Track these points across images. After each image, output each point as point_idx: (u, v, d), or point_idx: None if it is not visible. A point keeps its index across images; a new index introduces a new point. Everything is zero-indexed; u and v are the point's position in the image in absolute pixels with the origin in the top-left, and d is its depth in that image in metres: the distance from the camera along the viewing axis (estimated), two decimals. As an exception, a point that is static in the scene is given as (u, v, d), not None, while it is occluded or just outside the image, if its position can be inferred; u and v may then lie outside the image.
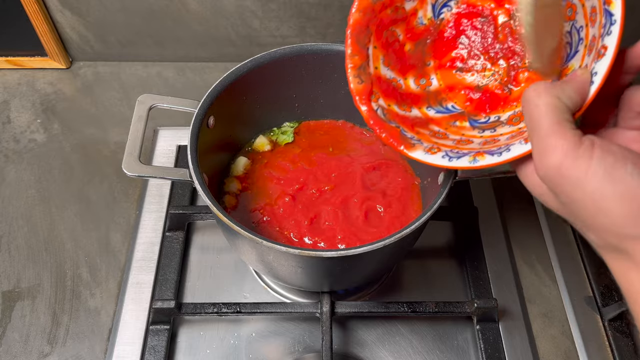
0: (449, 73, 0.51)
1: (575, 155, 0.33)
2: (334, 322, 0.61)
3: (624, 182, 0.31)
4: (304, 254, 0.47)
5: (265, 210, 0.61)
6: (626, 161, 0.32)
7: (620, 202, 0.31)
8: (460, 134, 0.48)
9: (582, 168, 0.32)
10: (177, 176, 0.54)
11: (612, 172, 0.32)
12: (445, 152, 0.45)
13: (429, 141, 0.47)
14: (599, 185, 0.32)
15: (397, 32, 0.50)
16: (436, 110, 0.50)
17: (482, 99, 0.49)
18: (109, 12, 0.79)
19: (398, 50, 0.50)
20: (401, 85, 0.50)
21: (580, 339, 0.62)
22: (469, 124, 0.48)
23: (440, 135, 0.48)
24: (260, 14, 0.79)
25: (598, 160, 0.32)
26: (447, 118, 0.49)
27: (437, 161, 0.44)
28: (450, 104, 0.50)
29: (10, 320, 0.62)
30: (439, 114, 0.50)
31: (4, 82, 0.84)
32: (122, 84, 0.84)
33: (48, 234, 0.69)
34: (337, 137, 0.68)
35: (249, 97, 0.62)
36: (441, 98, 0.50)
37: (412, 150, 0.46)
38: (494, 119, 0.47)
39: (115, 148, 0.77)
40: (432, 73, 0.51)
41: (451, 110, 0.50)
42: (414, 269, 0.67)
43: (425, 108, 0.50)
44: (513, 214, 0.72)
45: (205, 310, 0.59)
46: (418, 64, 0.51)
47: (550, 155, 0.34)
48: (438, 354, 0.61)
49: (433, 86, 0.51)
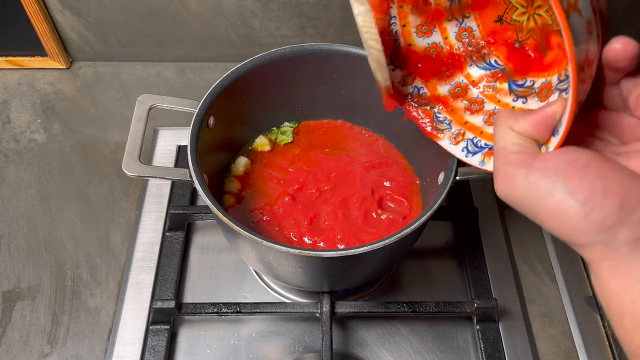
0: (490, 20, 0.50)
1: (521, 176, 0.35)
2: (334, 322, 0.61)
3: (560, 194, 0.33)
4: (304, 254, 0.47)
5: (265, 210, 0.61)
6: (557, 177, 0.33)
7: (562, 214, 0.33)
8: (496, 100, 0.49)
9: (527, 189, 0.35)
10: (177, 176, 0.54)
11: (550, 187, 0.33)
12: (466, 144, 0.47)
13: (459, 122, 0.49)
14: (543, 202, 0.34)
15: None
16: (479, 66, 0.51)
17: (521, 56, 0.49)
18: (109, 12, 0.79)
19: (434, 10, 0.50)
20: (442, 49, 0.51)
21: (580, 339, 0.62)
22: (508, 86, 0.49)
23: (477, 106, 0.49)
24: (260, 14, 0.79)
25: (540, 177, 0.34)
26: (489, 76, 0.50)
27: (457, 153, 0.48)
28: (494, 59, 0.50)
29: (10, 320, 0.62)
30: (481, 72, 0.50)
31: (4, 82, 0.84)
32: (122, 84, 0.84)
33: (48, 234, 0.69)
34: (337, 137, 0.68)
35: (249, 97, 0.62)
36: (484, 52, 0.50)
37: (440, 138, 0.49)
38: (529, 83, 0.48)
39: (115, 148, 0.77)
40: (472, 23, 0.51)
41: (494, 67, 0.50)
42: (414, 269, 0.67)
43: (468, 67, 0.51)
44: (513, 214, 0.71)
45: (205, 310, 0.59)
46: (458, 17, 0.51)
47: (499, 180, 0.37)
48: (438, 354, 0.61)
49: (475, 38, 0.51)
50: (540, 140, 0.37)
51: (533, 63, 0.48)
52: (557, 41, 0.44)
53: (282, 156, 0.66)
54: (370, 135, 0.68)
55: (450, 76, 0.51)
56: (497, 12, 0.49)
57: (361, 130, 0.69)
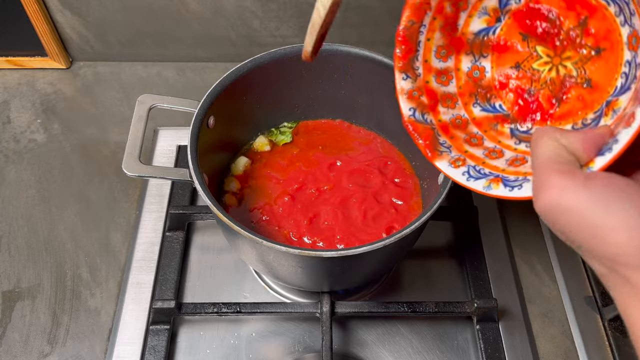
0: (506, 64, 0.49)
1: (572, 187, 0.34)
2: (334, 322, 0.61)
3: (622, 212, 0.32)
4: (303, 253, 0.47)
5: (264, 210, 0.61)
6: (624, 193, 0.32)
7: (620, 232, 0.32)
8: (496, 140, 0.47)
9: (580, 199, 0.33)
10: (177, 176, 0.54)
11: (610, 203, 0.32)
12: (467, 169, 0.45)
13: (459, 149, 0.47)
14: (598, 215, 0.32)
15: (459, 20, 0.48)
16: (482, 107, 0.49)
17: (530, 105, 0.48)
18: (109, 12, 0.79)
19: (457, 38, 0.49)
20: (451, 78, 0.50)
21: (580, 339, 0.62)
22: (509, 131, 0.48)
23: (476, 141, 0.48)
24: (260, 14, 0.79)
25: (596, 190, 0.33)
26: (491, 119, 0.49)
27: (456, 176, 0.45)
28: (499, 103, 0.49)
29: (10, 320, 0.62)
30: (483, 113, 0.49)
31: (4, 82, 0.84)
32: (122, 84, 0.84)
33: (48, 234, 0.69)
34: (335, 137, 0.68)
35: (249, 97, 0.62)
36: (491, 94, 0.49)
37: (438, 159, 0.46)
38: (534, 131, 0.46)
39: (115, 148, 0.77)
40: (487, 63, 0.50)
41: (497, 111, 0.49)
42: (414, 269, 0.67)
43: (472, 105, 0.49)
44: (513, 214, 0.72)
45: (205, 310, 0.59)
46: (476, 54, 0.50)
47: (545, 190, 0.35)
48: (438, 354, 0.61)
49: (486, 79, 0.50)
50: (584, 159, 0.36)
51: (542, 112, 0.47)
52: (578, 93, 0.44)
53: (281, 156, 0.66)
54: (369, 135, 0.68)
55: (453, 106, 0.50)
56: (516, 58, 0.48)
57: (360, 129, 0.69)
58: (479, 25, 0.48)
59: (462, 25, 0.48)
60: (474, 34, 0.49)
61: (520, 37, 0.48)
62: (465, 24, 0.48)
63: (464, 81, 0.50)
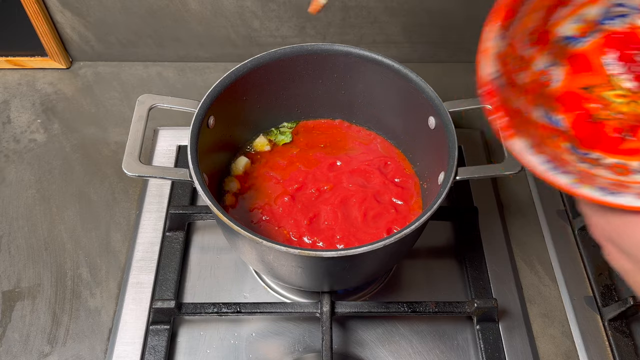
0: (576, 84, 0.44)
1: None
2: (334, 322, 0.61)
3: None
4: (303, 253, 0.47)
5: (264, 210, 0.61)
6: None
7: None
8: (559, 148, 0.43)
9: None
10: (177, 176, 0.54)
11: None
12: (548, 159, 0.40)
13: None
14: None
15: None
16: (542, 114, 0.44)
17: (591, 130, 0.43)
18: (109, 12, 0.79)
19: (546, 32, 0.43)
20: (525, 69, 0.44)
21: (580, 339, 0.62)
22: (569, 147, 0.43)
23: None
24: (260, 14, 0.79)
25: None
26: (549, 129, 0.44)
27: (537, 167, 0.40)
28: (560, 117, 0.44)
29: (10, 320, 0.62)
30: (542, 120, 0.44)
31: (4, 82, 0.84)
32: (122, 84, 0.84)
33: (48, 234, 0.69)
34: (335, 137, 0.68)
35: (249, 97, 0.62)
36: (553, 106, 0.44)
37: (514, 139, 0.41)
38: (595, 157, 0.43)
39: (115, 148, 0.77)
40: (558, 72, 0.44)
41: (557, 124, 0.44)
42: (414, 269, 0.67)
43: (533, 106, 0.44)
44: (513, 214, 0.72)
45: (205, 310, 0.59)
46: (554, 56, 0.44)
47: None
48: (438, 354, 0.61)
49: (552, 87, 0.44)
50: None
51: (603, 141, 0.43)
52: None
53: (281, 156, 0.66)
54: (369, 135, 0.68)
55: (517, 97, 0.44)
56: (590, 81, 0.43)
57: (360, 129, 0.69)
58: (570, 31, 0.44)
59: (554, 21, 0.43)
60: (561, 38, 0.44)
61: (601, 62, 0.43)
62: (556, 22, 0.43)
63: (531, 80, 0.44)
